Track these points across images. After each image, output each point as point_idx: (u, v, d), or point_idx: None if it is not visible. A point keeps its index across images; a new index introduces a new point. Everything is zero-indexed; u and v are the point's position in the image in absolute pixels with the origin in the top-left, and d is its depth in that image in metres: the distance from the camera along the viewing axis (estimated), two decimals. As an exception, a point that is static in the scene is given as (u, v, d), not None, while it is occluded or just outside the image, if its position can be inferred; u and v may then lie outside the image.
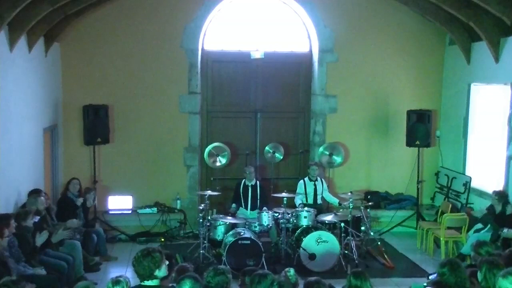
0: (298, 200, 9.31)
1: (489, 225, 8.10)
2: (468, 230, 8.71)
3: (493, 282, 4.63)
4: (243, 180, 9.50)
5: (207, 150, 9.96)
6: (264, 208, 8.71)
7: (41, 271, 6.54)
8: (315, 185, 9.50)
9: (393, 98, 10.72)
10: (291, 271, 5.35)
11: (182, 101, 10.28)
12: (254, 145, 10.72)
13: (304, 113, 10.90)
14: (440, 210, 9.75)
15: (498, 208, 8.14)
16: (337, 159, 10.16)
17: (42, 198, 7.63)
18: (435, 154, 10.84)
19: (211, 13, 10.24)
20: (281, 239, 8.47)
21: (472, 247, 5.81)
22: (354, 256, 8.42)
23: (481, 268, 4.80)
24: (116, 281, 4.44)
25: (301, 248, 8.12)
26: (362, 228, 8.83)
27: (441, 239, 8.86)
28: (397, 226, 10.40)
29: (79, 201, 8.74)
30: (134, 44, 10.05)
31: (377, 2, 10.45)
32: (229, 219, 8.71)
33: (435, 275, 5.43)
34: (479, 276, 4.80)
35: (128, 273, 8.06)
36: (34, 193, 7.74)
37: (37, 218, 7.37)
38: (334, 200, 9.64)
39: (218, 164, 9.89)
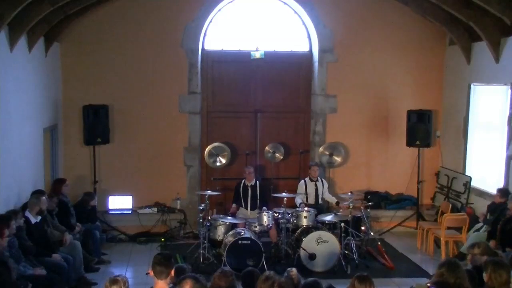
0: (298, 200, 9.31)
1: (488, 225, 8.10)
2: (468, 230, 8.72)
3: (498, 282, 4.63)
4: (243, 180, 9.49)
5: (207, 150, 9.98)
6: (264, 208, 8.71)
7: (41, 271, 6.54)
8: (316, 185, 9.50)
9: (393, 98, 10.72)
10: (294, 270, 5.35)
11: (182, 101, 10.28)
12: (254, 145, 10.71)
13: (304, 113, 10.89)
14: (440, 210, 9.75)
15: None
16: (337, 159, 10.15)
17: (44, 198, 7.63)
18: (435, 154, 10.84)
19: (211, 13, 10.25)
20: (281, 239, 8.48)
21: (467, 249, 5.81)
22: (354, 256, 8.43)
23: (486, 268, 4.79)
24: (114, 280, 4.38)
25: (301, 248, 8.12)
26: (362, 228, 8.83)
27: (441, 239, 8.87)
28: (397, 226, 10.41)
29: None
30: (134, 44, 10.06)
31: (377, 2, 10.44)
32: (229, 219, 8.71)
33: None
34: (484, 276, 4.79)
35: (127, 273, 8.09)
36: (37, 193, 7.74)
37: (39, 218, 7.39)
38: (332, 200, 9.64)
39: (218, 164, 9.88)
